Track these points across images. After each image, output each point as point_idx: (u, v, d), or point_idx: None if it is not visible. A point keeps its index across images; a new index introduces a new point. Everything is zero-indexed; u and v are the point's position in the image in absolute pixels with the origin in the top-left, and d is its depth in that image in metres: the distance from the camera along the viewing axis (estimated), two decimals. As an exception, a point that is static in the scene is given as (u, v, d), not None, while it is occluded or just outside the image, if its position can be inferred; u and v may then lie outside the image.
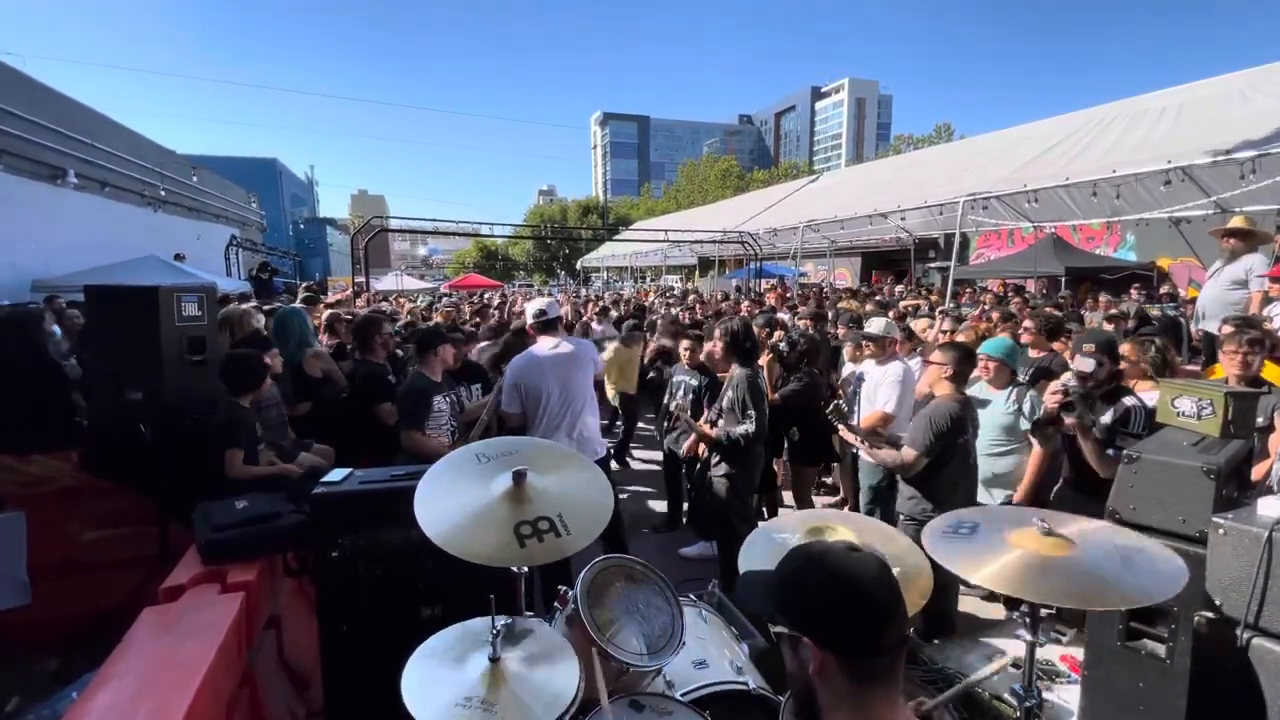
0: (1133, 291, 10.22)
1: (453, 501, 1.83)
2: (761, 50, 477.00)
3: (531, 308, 3.96)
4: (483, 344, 5.94)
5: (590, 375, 3.88)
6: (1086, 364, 3.26)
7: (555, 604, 2.12)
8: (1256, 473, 2.90)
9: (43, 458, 3.65)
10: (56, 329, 6.56)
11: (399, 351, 5.51)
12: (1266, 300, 4.73)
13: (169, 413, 3.43)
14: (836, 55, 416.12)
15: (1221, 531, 1.87)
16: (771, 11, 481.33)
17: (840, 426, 3.79)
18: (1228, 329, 3.47)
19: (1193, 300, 7.10)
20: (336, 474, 2.49)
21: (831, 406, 3.73)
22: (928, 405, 3.50)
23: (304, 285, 11.66)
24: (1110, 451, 3.10)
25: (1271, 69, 9.65)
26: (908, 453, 3.35)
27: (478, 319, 9.22)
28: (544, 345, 3.76)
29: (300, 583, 3.21)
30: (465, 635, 1.70)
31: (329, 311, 6.60)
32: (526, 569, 1.89)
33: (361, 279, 13.43)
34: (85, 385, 4.02)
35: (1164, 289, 10.41)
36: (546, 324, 3.81)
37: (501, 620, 1.66)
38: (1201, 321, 5.39)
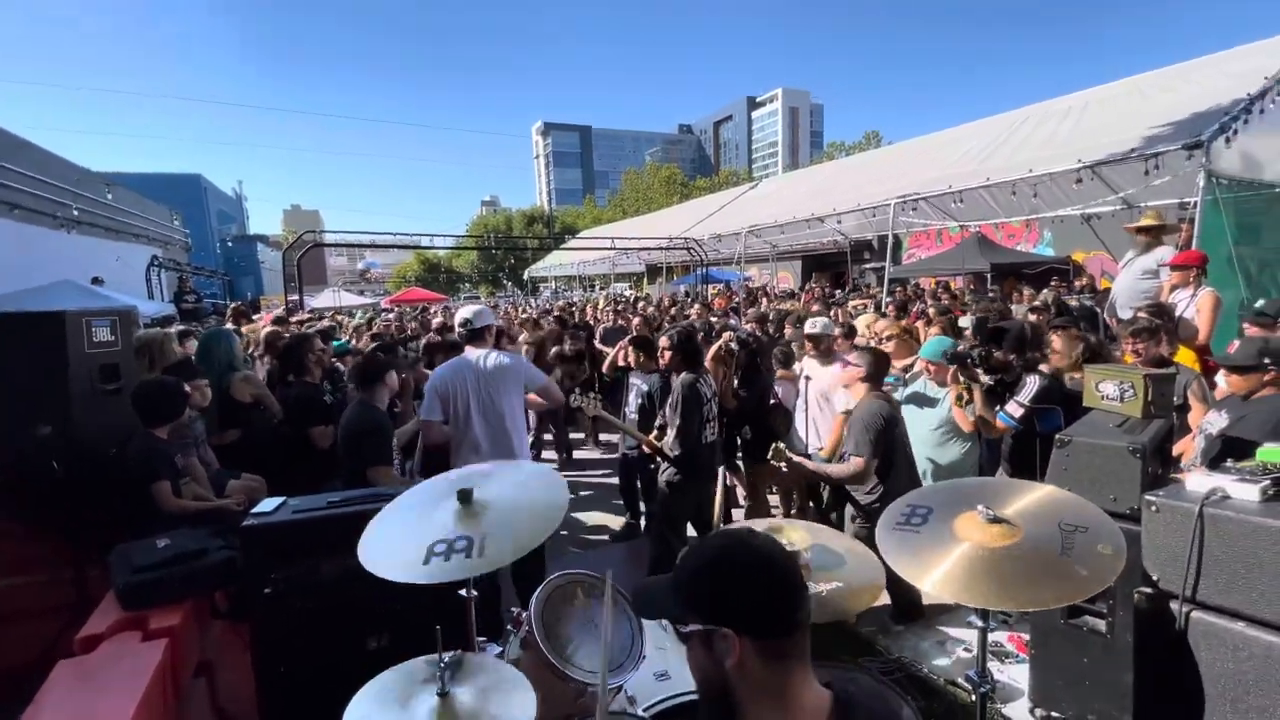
0: (1054, 283, 10.80)
1: (399, 519, 1.85)
2: (698, 61, 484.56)
3: (459, 316, 3.81)
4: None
5: (518, 392, 3.66)
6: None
7: (509, 626, 2.04)
8: (1177, 449, 3.09)
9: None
10: None
11: (338, 366, 5.29)
12: (1173, 289, 5.07)
13: (83, 447, 3.18)
14: (769, 66, 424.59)
15: (1154, 509, 1.95)
16: (706, 23, 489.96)
17: (792, 459, 3.67)
18: (1142, 316, 3.73)
19: (1107, 291, 7.55)
20: (268, 504, 2.34)
21: (772, 450, 3.64)
22: (856, 410, 3.58)
23: (234, 305, 11.08)
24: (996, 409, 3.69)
25: (1177, 69, 10.47)
26: (856, 461, 3.40)
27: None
28: (470, 355, 3.61)
29: (233, 624, 3.01)
30: (403, 677, 1.61)
31: (268, 329, 6.27)
32: (475, 593, 1.81)
33: (295, 297, 12.87)
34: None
35: (1082, 281, 11.04)
36: (473, 333, 3.67)
37: (449, 654, 1.58)
38: (1116, 310, 5.74)
